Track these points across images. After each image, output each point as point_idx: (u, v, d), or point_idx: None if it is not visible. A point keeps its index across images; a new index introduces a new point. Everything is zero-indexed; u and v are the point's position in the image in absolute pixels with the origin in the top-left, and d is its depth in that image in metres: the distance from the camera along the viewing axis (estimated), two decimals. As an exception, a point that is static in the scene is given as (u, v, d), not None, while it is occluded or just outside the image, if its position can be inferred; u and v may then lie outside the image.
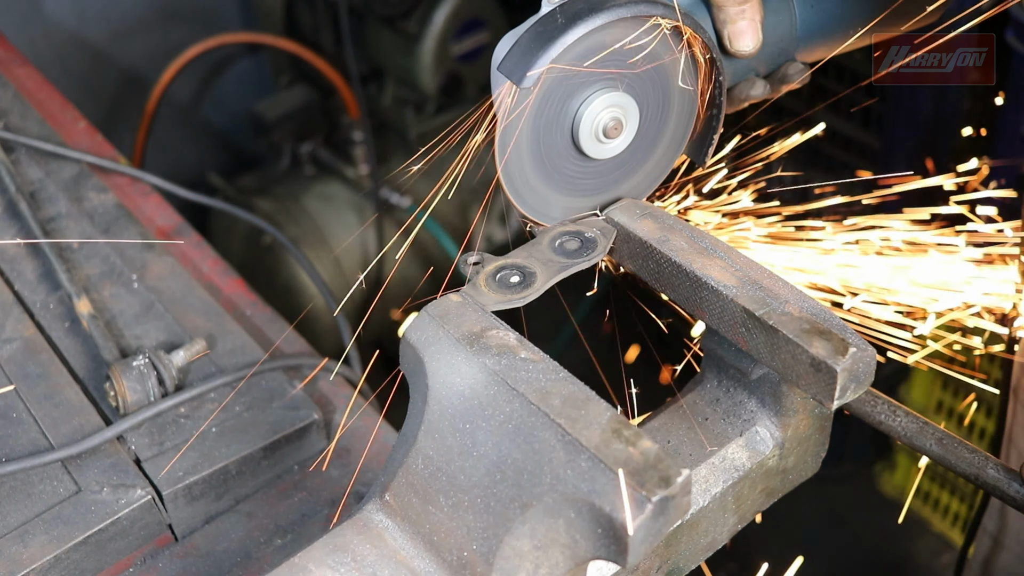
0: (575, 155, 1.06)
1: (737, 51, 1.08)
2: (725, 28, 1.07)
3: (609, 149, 1.06)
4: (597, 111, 1.03)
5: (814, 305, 0.94)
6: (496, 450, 0.85)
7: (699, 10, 1.08)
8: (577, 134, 1.04)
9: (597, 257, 1.03)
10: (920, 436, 1.09)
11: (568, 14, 0.97)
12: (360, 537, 0.90)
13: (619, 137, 1.05)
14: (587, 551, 0.82)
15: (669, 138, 1.11)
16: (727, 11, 1.06)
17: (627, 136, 1.06)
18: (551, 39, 0.96)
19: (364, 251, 3.33)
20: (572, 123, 1.03)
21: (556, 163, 1.06)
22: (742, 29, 1.07)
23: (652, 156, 1.11)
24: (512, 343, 0.90)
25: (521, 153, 1.02)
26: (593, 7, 0.97)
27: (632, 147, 1.08)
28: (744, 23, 1.07)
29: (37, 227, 1.70)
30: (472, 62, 3.39)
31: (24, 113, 2.06)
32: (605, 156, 1.06)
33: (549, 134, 1.03)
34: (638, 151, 1.09)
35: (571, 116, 1.03)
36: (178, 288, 1.66)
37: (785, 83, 1.16)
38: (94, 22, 3.38)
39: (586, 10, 0.96)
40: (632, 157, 1.09)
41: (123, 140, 3.39)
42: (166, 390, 1.44)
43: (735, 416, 1.04)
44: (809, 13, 1.14)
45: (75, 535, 1.28)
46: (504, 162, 1.01)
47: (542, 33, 0.97)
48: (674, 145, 1.12)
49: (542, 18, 0.98)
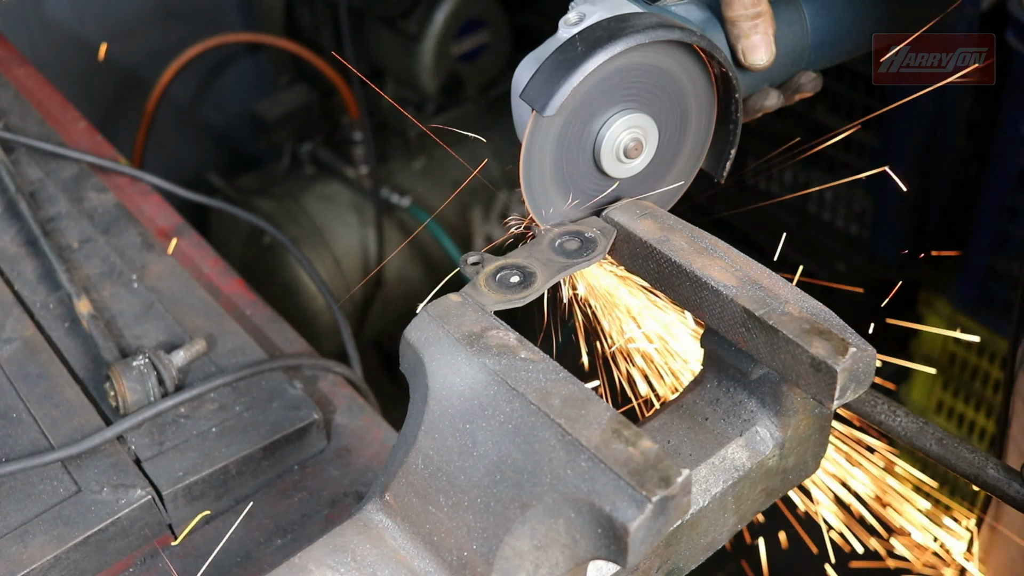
0: (596, 174, 1.08)
1: (751, 65, 1.09)
2: (739, 43, 1.08)
3: (630, 168, 1.07)
4: (618, 133, 1.04)
5: (814, 305, 0.94)
6: (496, 450, 0.85)
7: (712, 26, 1.10)
8: (599, 155, 1.05)
9: (597, 257, 1.03)
10: (920, 436, 1.09)
11: (588, 41, 0.98)
12: (360, 537, 0.90)
13: (639, 157, 1.07)
14: (587, 551, 0.82)
15: (687, 154, 1.13)
16: (740, 26, 1.08)
17: (647, 155, 1.07)
18: (572, 67, 0.97)
19: (364, 251, 3.33)
20: (594, 145, 1.05)
21: (578, 183, 1.07)
22: (756, 43, 1.08)
23: (671, 172, 1.13)
24: (512, 343, 0.90)
25: (544, 176, 1.05)
26: (612, 34, 0.98)
27: (651, 164, 1.09)
28: (758, 37, 1.08)
29: (37, 227, 1.70)
30: (472, 62, 3.38)
31: (24, 113, 2.06)
32: (626, 176, 1.08)
33: (571, 156, 1.05)
34: (657, 168, 1.11)
35: (592, 138, 1.05)
36: (178, 288, 1.66)
37: (799, 92, 1.18)
38: (94, 22, 3.38)
39: (605, 37, 0.98)
40: (651, 174, 1.11)
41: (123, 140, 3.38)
42: (166, 390, 1.44)
43: (735, 416, 1.04)
44: (820, 23, 1.15)
45: (75, 535, 1.28)
46: (528, 185, 1.03)
47: (563, 61, 0.98)
48: (692, 160, 1.14)
49: (562, 46, 0.99)
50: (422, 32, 3.26)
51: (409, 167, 3.48)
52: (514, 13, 3.40)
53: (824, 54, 1.17)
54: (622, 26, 0.99)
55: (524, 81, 1.01)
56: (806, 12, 1.14)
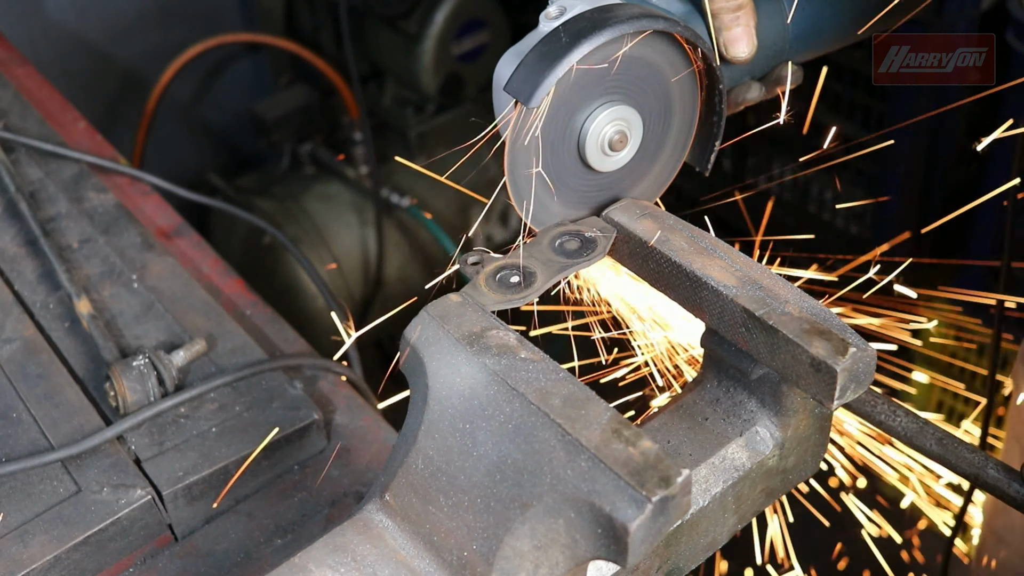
0: (581, 168, 1.07)
1: (733, 57, 1.09)
2: (721, 35, 1.09)
3: (615, 162, 1.07)
4: (602, 125, 1.04)
5: (814, 305, 0.94)
6: (496, 450, 0.85)
7: (694, 18, 1.10)
8: (583, 148, 1.05)
9: (597, 257, 1.03)
10: (920, 436, 1.09)
11: (572, 32, 0.98)
12: (360, 537, 0.90)
13: (624, 149, 1.06)
14: (587, 551, 0.82)
15: (671, 147, 1.12)
16: (722, 18, 1.08)
17: (632, 148, 1.07)
18: (557, 58, 0.97)
19: (364, 251, 3.33)
20: (578, 138, 1.05)
21: (563, 177, 1.06)
22: (737, 36, 1.08)
23: (655, 165, 1.12)
24: (512, 343, 0.90)
25: (530, 170, 1.04)
26: (596, 24, 0.98)
27: (636, 157, 1.09)
28: (739, 29, 1.08)
29: (37, 227, 1.70)
30: (472, 62, 3.38)
31: (24, 113, 2.06)
32: (611, 168, 1.07)
33: (556, 149, 1.04)
34: (642, 161, 1.10)
35: (576, 131, 1.04)
36: (178, 288, 1.66)
37: (780, 85, 1.18)
38: (94, 22, 3.38)
39: (589, 28, 0.97)
40: (636, 167, 1.10)
41: (123, 140, 3.39)
42: (166, 390, 1.44)
43: (735, 416, 1.04)
44: (801, 16, 1.15)
45: (75, 535, 1.28)
46: (513, 179, 1.02)
47: (547, 52, 0.98)
48: (676, 153, 1.13)
49: (546, 37, 0.99)
50: (422, 32, 3.26)
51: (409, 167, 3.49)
52: (514, 13, 3.40)
53: (805, 46, 1.18)
54: (606, 16, 0.98)
55: (506, 75, 1.01)
56: (786, 4, 1.14)
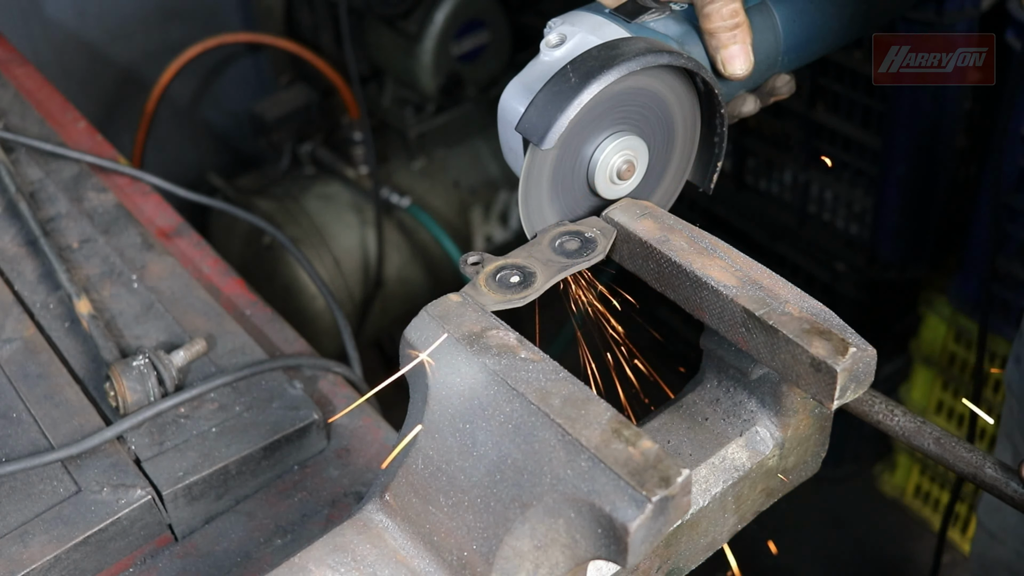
0: (590, 197, 1.10)
1: (731, 75, 1.11)
2: (718, 54, 1.10)
3: (622, 189, 1.09)
4: (611, 156, 1.06)
5: (814, 305, 0.94)
6: (496, 450, 0.85)
7: (691, 38, 1.11)
8: (593, 179, 1.07)
9: (597, 257, 1.04)
10: (918, 435, 1.10)
11: (580, 72, 0.99)
12: (360, 537, 0.91)
13: (631, 177, 1.09)
14: (587, 551, 0.82)
15: (675, 168, 1.15)
16: (719, 37, 1.09)
17: (639, 175, 1.09)
18: (568, 99, 0.98)
19: (364, 251, 3.33)
20: (587, 170, 1.07)
21: (572, 207, 1.09)
22: (734, 54, 1.10)
23: (659, 187, 1.15)
24: (512, 343, 0.90)
25: (542, 203, 1.06)
26: (604, 63, 0.99)
27: (641, 182, 1.11)
28: (736, 47, 1.10)
29: (37, 227, 1.70)
30: (472, 62, 3.39)
31: (24, 113, 2.06)
32: (619, 196, 1.10)
33: (566, 183, 1.07)
34: (646, 184, 1.13)
35: (586, 163, 1.07)
36: (178, 288, 1.66)
37: (774, 95, 1.21)
38: (94, 22, 3.38)
39: (597, 67, 0.99)
40: (640, 190, 1.13)
41: (123, 140, 3.39)
42: (166, 390, 1.44)
43: (735, 416, 1.04)
44: (792, 28, 1.17)
45: (75, 535, 1.28)
46: (526, 213, 1.05)
47: (558, 93, 0.99)
48: (679, 174, 1.16)
49: (554, 77, 1.01)
50: (422, 32, 3.26)
51: (409, 167, 3.49)
52: (514, 13, 3.40)
53: (796, 56, 1.20)
54: (612, 54, 1.00)
55: (513, 109, 1.03)
56: (778, 18, 1.16)
